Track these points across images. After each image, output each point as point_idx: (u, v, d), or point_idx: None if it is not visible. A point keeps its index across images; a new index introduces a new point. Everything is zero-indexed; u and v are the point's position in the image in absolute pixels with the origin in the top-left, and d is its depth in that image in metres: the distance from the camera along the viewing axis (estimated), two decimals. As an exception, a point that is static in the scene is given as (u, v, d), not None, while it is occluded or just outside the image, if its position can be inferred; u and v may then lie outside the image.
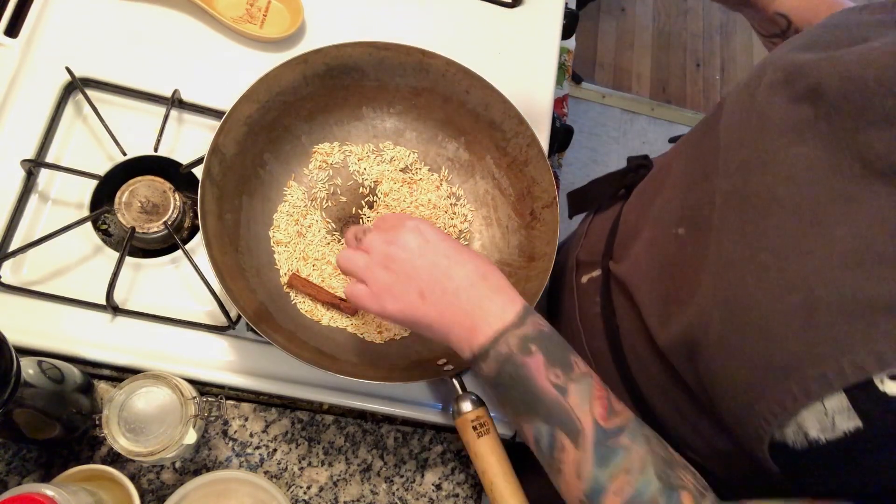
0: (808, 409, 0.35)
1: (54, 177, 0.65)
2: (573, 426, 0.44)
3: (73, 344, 0.61)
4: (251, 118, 0.62)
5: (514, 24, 0.83)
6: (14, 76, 0.67)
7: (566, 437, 0.45)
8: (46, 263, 0.63)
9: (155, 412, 0.53)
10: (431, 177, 0.71)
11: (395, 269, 0.50)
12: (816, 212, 0.38)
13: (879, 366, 0.33)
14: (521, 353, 0.46)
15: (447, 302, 0.48)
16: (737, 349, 0.40)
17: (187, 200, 0.67)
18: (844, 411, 0.34)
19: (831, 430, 0.35)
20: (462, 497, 0.66)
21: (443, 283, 0.48)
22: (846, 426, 0.34)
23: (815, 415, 0.35)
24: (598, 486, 0.43)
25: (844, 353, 0.34)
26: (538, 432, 0.46)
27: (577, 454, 0.44)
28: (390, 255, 0.50)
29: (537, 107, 0.79)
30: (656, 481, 0.43)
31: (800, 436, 0.36)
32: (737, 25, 2.29)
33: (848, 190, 0.37)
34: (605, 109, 2.06)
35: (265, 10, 0.76)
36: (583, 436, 0.44)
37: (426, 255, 0.49)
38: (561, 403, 0.45)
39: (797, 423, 0.36)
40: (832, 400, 0.34)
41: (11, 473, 0.57)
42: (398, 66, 0.66)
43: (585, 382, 0.46)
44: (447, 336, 0.49)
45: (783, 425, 0.37)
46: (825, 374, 0.34)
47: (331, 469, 0.64)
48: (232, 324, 0.63)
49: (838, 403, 0.34)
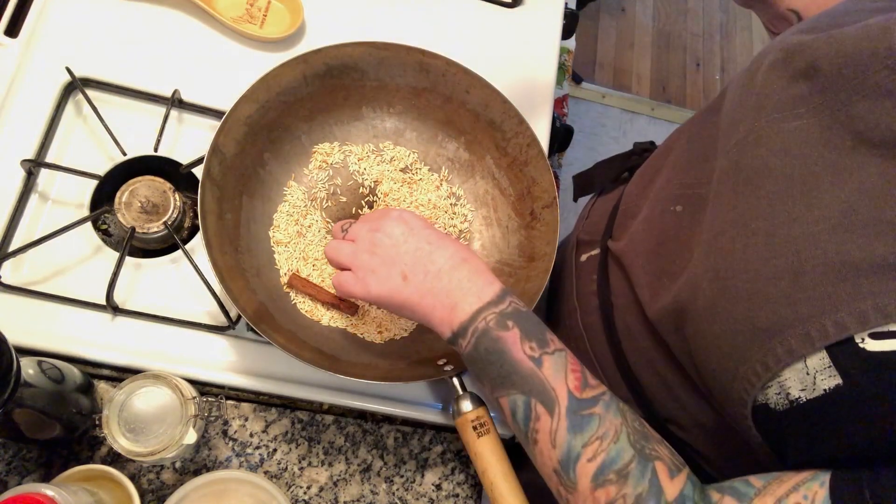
0: (791, 368, 0.36)
1: (54, 177, 0.65)
2: (548, 396, 0.45)
3: (73, 344, 0.61)
4: (251, 118, 0.62)
5: (514, 24, 0.83)
6: (14, 76, 0.67)
7: (541, 406, 0.46)
8: (46, 263, 0.63)
9: (155, 412, 0.53)
10: (431, 177, 0.71)
11: (379, 254, 0.52)
12: (806, 181, 0.39)
13: (861, 324, 0.34)
14: (498, 328, 0.48)
15: (429, 284, 0.50)
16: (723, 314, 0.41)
17: (187, 200, 0.67)
18: (825, 370, 0.35)
19: (811, 389, 0.36)
20: (462, 497, 0.66)
21: (425, 266, 0.51)
22: (826, 384, 0.35)
23: (796, 374, 0.36)
24: (572, 453, 0.44)
25: (828, 313, 0.35)
26: (514, 404, 0.47)
27: (552, 423, 0.45)
28: (375, 241, 0.52)
29: (537, 107, 0.79)
30: (630, 449, 0.43)
31: (782, 396, 0.37)
32: (737, 25, 2.29)
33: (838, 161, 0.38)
34: (605, 109, 2.06)
35: (265, 10, 0.76)
36: (557, 405, 0.45)
37: (409, 241, 0.52)
38: (536, 374, 0.46)
39: (779, 383, 0.37)
40: (814, 358, 0.35)
41: (11, 473, 0.57)
42: (398, 66, 0.66)
43: (560, 356, 0.47)
44: (429, 316, 0.50)
45: (766, 386, 0.38)
46: (808, 333, 0.36)
47: (331, 469, 0.64)
48: (232, 324, 0.63)
49: (819, 362, 0.35)
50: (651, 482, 0.42)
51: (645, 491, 0.42)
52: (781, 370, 0.37)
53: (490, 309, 0.48)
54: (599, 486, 0.43)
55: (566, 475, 0.44)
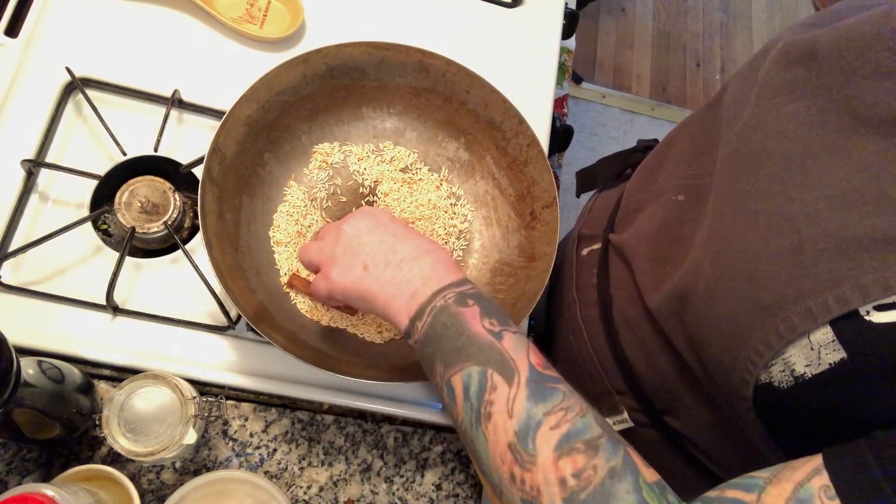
0: (795, 345, 0.36)
1: (54, 177, 0.65)
2: (507, 366, 0.41)
3: (73, 344, 0.61)
4: (251, 118, 0.62)
5: (514, 24, 0.83)
6: (14, 76, 0.67)
7: (499, 375, 0.41)
8: (46, 263, 0.63)
9: (155, 412, 0.53)
10: (431, 177, 0.71)
11: (342, 244, 0.52)
12: (805, 162, 0.39)
13: (863, 298, 0.34)
14: (457, 304, 0.45)
15: (389, 273, 0.49)
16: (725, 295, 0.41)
17: (187, 200, 0.67)
18: (829, 344, 0.35)
19: (817, 364, 0.36)
20: (462, 497, 0.66)
21: (387, 256, 0.50)
22: (832, 358, 0.35)
23: (801, 350, 0.36)
24: (532, 421, 0.39)
25: (829, 288, 0.35)
26: (468, 377, 0.42)
27: (510, 391, 0.40)
28: (340, 233, 0.52)
29: (537, 107, 0.79)
30: (598, 428, 0.38)
31: (786, 373, 0.37)
32: (737, 25, 2.29)
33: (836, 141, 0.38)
34: (605, 109, 2.06)
35: (265, 10, 0.76)
36: (517, 374, 0.41)
37: (374, 233, 0.51)
38: (495, 345, 0.42)
39: (783, 360, 0.37)
40: (817, 334, 0.35)
41: (11, 473, 0.57)
42: (398, 66, 0.66)
43: (522, 338, 0.44)
44: (388, 306, 0.48)
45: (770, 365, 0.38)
46: (810, 309, 0.36)
47: (331, 469, 0.64)
48: (232, 324, 0.63)
49: (823, 337, 0.35)
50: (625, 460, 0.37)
51: (619, 465, 0.36)
52: (784, 347, 0.37)
53: (450, 289, 0.46)
54: (565, 454, 0.37)
55: (524, 447, 0.38)
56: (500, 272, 0.68)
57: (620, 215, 0.67)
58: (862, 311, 0.34)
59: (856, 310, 0.34)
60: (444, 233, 0.69)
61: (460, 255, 0.69)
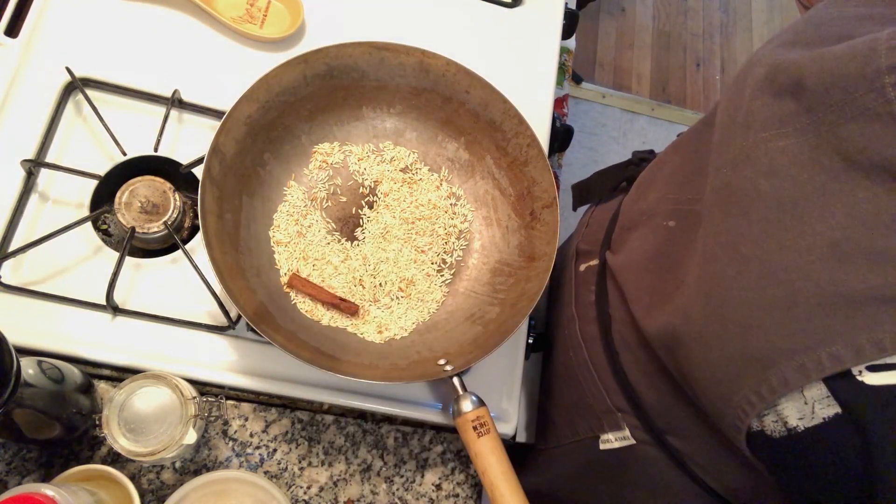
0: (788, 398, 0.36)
1: (54, 177, 0.65)
2: None
3: (73, 344, 0.61)
4: (251, 118, 0.62)
5: (514, 24, 0.83)
6: (14, 76, 0.67)
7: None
8: (46, 263, 0.63)
9: (155, 412, 0.53)
10: (431, 177, 0.71)
11: None
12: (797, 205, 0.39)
13: (857, 358, 0.34)
14: None
15: None
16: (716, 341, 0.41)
17: (187, 200, 0.67)
18: (824, 399, 0.35)
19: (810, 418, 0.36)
20: (462, 497, 0.66)
21: None
22: (826, 413, 0.35)
23: (794, 403, 0.36)
24: None
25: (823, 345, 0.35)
26: None
27: None
28: None
29: (537, 107, 0.79)
30: None
31: (779, 424, 0.37)
32: (737, 25, 2.29)
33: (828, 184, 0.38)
34: (605, 109, 2.06)
35: (265, 10, 0.76)
36: None
37: None
38: None
39: (776, 411, 0.37)
40: (811, 389, 0.35)
41: (11, 473, 0.57)
42: (398, 66, 0.66)
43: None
44: None
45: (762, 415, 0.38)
46: (804, 365, 0.35)
47: (331, 469, 0.64)
48: (232, 324, 0.63)
49: (818, 392, 0.35)
50: None
51: None
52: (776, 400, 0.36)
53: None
54: None
55: None
56: (500, 272, 0.68)
57: (617, 233, 0.66)
58: (854, 371, 0.34)
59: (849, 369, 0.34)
60: (444, 233, 0.69)
61: (460, 255, 0.69)
